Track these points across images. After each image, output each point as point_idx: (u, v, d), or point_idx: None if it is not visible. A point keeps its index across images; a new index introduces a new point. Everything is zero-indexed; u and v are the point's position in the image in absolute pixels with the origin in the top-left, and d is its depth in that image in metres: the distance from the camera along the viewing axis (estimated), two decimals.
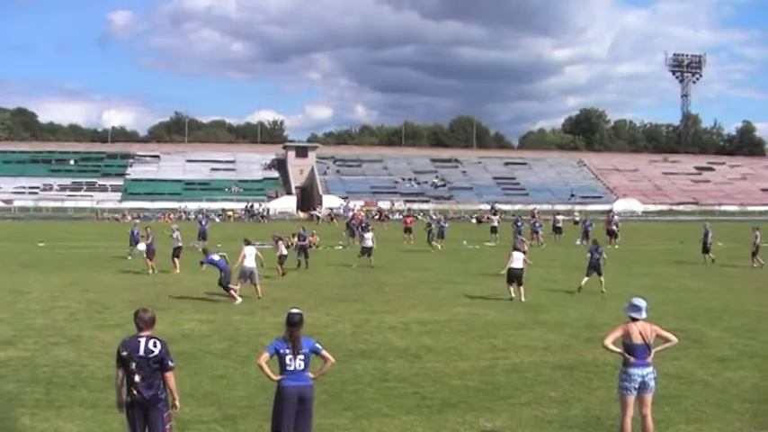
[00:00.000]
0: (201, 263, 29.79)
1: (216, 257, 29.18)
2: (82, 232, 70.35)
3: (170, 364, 10.41)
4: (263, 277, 30.54)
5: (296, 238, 39.95)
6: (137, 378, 10.13)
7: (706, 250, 44.96)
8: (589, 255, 31.74)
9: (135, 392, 10.15)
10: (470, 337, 21.33)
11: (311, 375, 11.19)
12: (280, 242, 36.39)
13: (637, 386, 11.68)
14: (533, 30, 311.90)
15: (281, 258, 35.93)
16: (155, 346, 10.30)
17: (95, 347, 19.54)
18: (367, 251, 41.81)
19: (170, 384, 10.42)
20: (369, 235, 42.90)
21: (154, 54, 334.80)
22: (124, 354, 10.25)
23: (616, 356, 12.24)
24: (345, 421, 13.58)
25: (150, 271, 36.18)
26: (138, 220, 58.42)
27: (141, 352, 10.22)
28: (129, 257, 43.41)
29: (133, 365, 10.15)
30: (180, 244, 38.13)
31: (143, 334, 10.41)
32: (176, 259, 37.56)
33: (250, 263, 28.90)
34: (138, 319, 10.53)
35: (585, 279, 30.95)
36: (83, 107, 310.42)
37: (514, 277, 28.79)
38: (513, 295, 28.58)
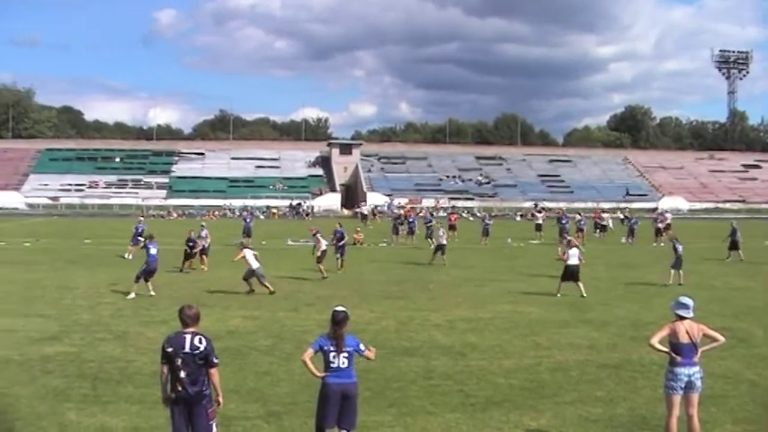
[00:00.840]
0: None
1: (153, 250, 29.02)
2: (127, 229, 70.57)
3: (215, 360, 10.46)
4: (303, 279, 30.51)
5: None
6: (182, 374, 10.19)
7: (735, 247, 45.29)
8: (674, 252, 32.78)
9: (180, 388, 10.21)
10: (515, 335, 21.30)
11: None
12: (318, 235, 35.23)
13: (683, 386, 11.59)
14: (578, 26, 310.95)
15: (321, 256, 34.64)
16: (200, 342, 10.36)
17: (141, 343, 19.69)
18: (441, 248, 41.25)
19: (214, 381, 10.46)
20: (441, 231, 43.01)
21: (198, 52, 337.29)
22: (169, 350, 10.30)
23: (662, 356, 12.17)
24: (389, 418, 13.60)
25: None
26: (141, 218, 58.09)
27: (187, 348, 10.28)
28: (129, 257, 42.94)
29: (178, 362, 10.21)
30: (208, 242, 38.41)
31: (188, 330, 10.47)
32: (204, 257, 37.85)
33: (254, 263, 29.14)
34: (183, 315, 10.59)
35: (673, 272, 32.46)
36: (128, 105, 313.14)
37: (572, 274, 28.88)
38: (559, 295, 28.45)
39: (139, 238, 41.15)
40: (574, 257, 29.08)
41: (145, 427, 12.90)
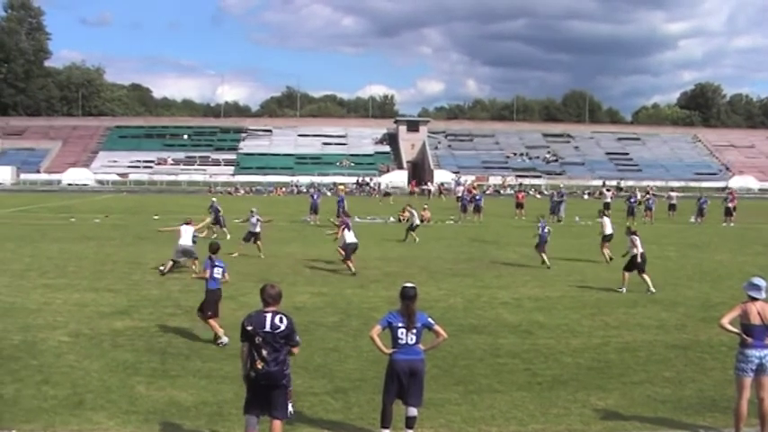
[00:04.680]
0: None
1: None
2: (196, 205, 71.27)
3: (297, 339, 10.58)
4: (371, 257, 30.47)
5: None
6: (263, 353, 10.23)
7: None
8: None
9: (259, 367, 10.24)
10: (582, 315, 21.21)
11: (422, 348, 11.25)
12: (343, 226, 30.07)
13: (754, 368, 11.45)
14: (646, 3, 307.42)
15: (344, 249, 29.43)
16: (281, 321, 10.39)
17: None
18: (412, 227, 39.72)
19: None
20: (415, 213, 41.87)
21: (266, 30, 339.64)
22: (249, 328, 10.34)
23: (732, 337, 12.03)
24: (456, 396, 13.60)
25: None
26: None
27: (267, 327, 10.31)
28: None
29: (258, 340, 10.26)
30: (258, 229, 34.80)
31: (269, 309, 10.51)
32: (246, 243, 34.18)
33: (185, 240, 28.33)
34: (264, 294, 10.64)
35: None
36: (196, 83, 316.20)
37: (640, 264, 25.98)
38: (625, 289, 25.66)
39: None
40: (638, 245, 26.12)
41: (213, 402, 13.01)
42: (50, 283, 25.26)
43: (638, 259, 25.93)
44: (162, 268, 27.93)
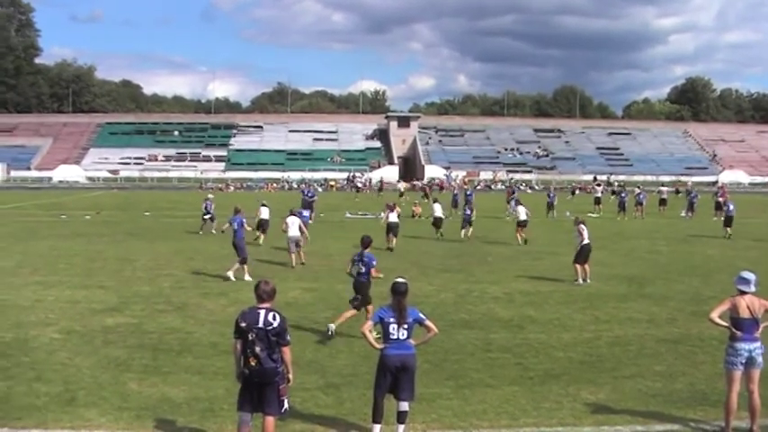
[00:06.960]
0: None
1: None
2: (186, 202, 71.25)
3: (287, 338, 10.43)
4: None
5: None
6: (257, 349, 10.13)
7: (728, 224, 43.60)
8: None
9: (253, 364, 10.16)
10: (574, 309, 21.22)
11: (413, 343, 11.25)
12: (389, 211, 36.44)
13: (744, 361, 11.46)
14: None
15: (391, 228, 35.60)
16: (274, 318, 10.30)
17: (201, 315, 19.85)
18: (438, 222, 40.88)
19: (286, 358, 10.44)
20: (437, 206, 42.42)
21: (257, 26, 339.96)
22: (243, 325, 10.27)
23: (722, 330, 12.03)
24: (448, 390, 13.59)
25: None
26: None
27: (260, 324, 10.23)
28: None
29: (252, 336, 10.16)
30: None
31: (263, 306, 10.44)
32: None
33: (293, 232, 29.27)
34: (258, 290, 10.57)
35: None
36: (187, 79, 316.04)
37: (588, 254, 26.36)
38: (582, 280, 25.90)
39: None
40: (585, 235, 26.48)
41: (204, 398, 12.99)
42: (42, 281, 25.21)
43: (585, 249, 26.18)
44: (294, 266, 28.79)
